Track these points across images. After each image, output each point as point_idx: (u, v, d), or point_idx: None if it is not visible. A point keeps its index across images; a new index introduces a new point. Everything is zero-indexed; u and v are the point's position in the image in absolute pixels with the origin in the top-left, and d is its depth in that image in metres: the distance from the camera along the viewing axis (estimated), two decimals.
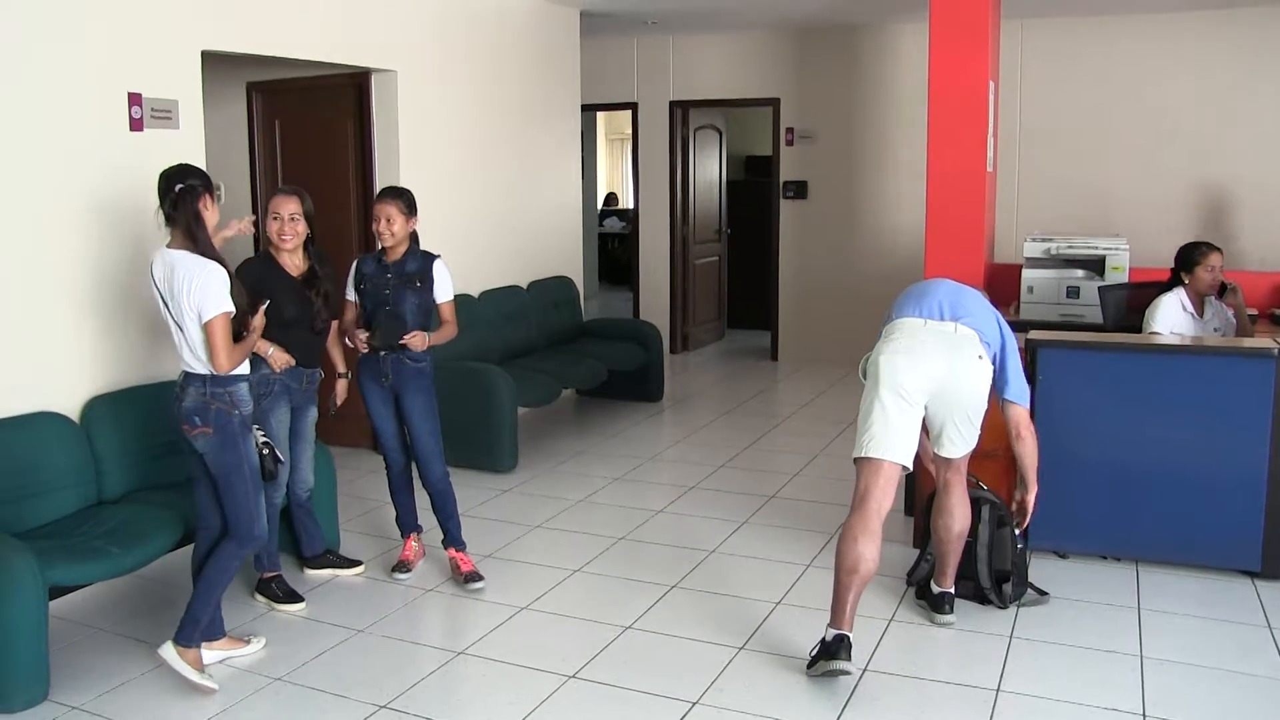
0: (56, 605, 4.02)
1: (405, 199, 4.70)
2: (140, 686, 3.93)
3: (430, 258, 4.76)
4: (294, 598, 4.61)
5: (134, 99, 4.85)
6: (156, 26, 4.97)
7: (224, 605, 4.13)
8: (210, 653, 4.02)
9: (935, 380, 3.87)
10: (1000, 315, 4.13)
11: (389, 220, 4.65)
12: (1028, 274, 6.06)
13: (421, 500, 4.99)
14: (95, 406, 4.63)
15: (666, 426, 7.85)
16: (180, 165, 3.91)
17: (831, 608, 3.81)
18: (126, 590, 4.76)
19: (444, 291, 4.78)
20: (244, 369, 3.95)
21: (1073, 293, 5.94)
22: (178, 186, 3.78)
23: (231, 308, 3.82)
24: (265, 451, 4.08)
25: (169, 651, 3.87)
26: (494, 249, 7.47)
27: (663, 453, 7.04)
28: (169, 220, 3.83)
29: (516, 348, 7.49)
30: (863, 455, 3.83)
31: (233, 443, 3.89)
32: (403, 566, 4.97)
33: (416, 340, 4.67)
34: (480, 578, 4.79)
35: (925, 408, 3.92)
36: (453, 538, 4.90)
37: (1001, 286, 6.54)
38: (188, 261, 3.78)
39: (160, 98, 4.97)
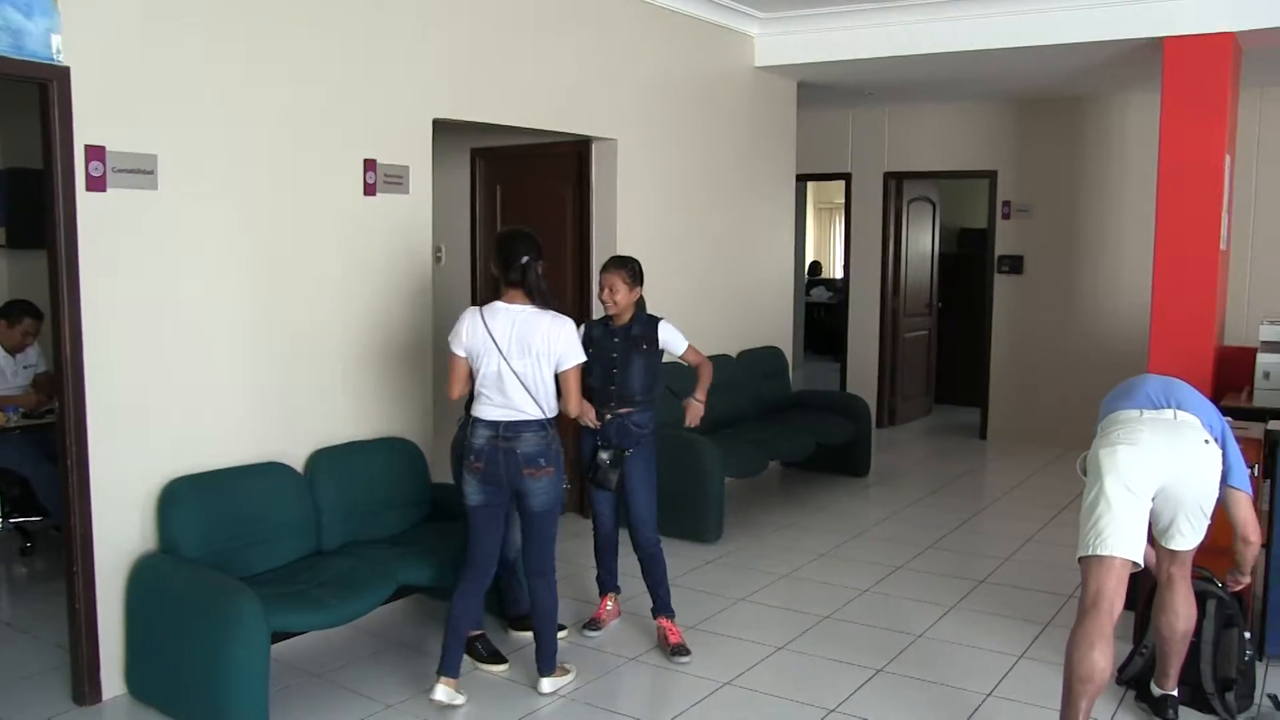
0: (274, 649, 4.16)
1: (630, 268, 4.78)
2: None
3: (655, 320, 4.85)
4: (498, 658, 4.66)
5: (369, 165, 5.10)
6: (394, 97, 5.24)
7: (428, 654, 4.21)
8: (444, 689, 4.18)
9: (1162, 470, 3.65)
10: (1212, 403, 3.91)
11: (612, 290, 4.75)
12: (1263, 359, 5.68)
13: (626, 565, 4.99)
14: (318, 459, 4.84)
15: (873, 503, 7.67)
16: (518, 234, 4.27)
17: (1062, 718, 3.60)
18: (339, 640, 4.91)
19: (679, 343, 4.93)
20: None
21: None
22: (524, 259, 4.16)
23: (585, 358, 4.30)
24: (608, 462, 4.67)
25: (549, 684, 4.36)
26: (705, 317, 7.47)
27: (869, 530, 6.87)
28: (512, 283, 4.19)
29: (725, 417, 7.44)
30: (1091, 553, 3.60)
31: (561, 478, 4.27)
32: (594, 624, 5.02)
33: (692, 415, 5.03)
34: (687, 651, 4.73)
35: (1153, 500, 3.70)
36: (662, 604, 4.88)
37: (1233, 371, 6.16)
38: (546, 316, 4.19)
39: (393, 164, 5.21)
